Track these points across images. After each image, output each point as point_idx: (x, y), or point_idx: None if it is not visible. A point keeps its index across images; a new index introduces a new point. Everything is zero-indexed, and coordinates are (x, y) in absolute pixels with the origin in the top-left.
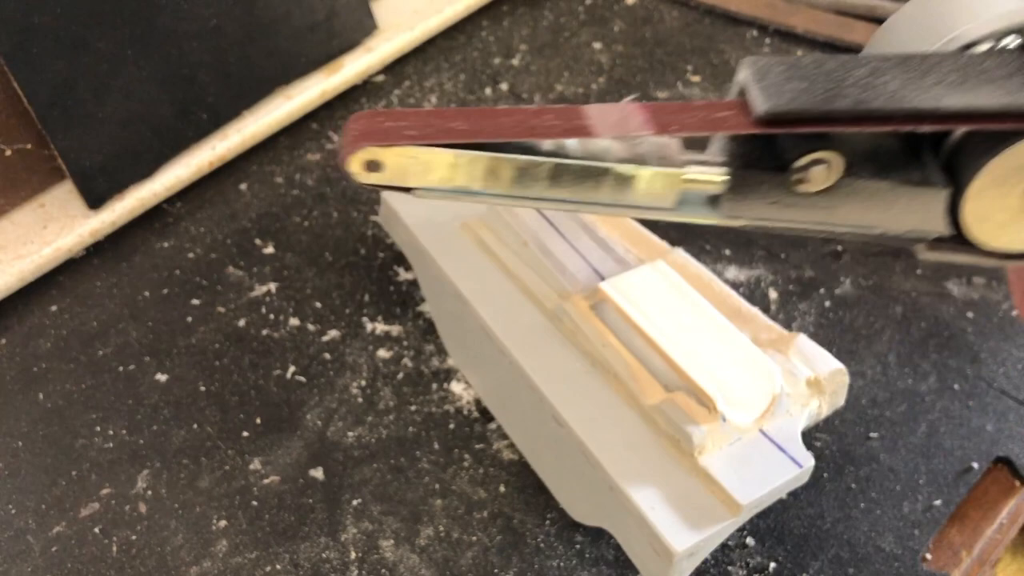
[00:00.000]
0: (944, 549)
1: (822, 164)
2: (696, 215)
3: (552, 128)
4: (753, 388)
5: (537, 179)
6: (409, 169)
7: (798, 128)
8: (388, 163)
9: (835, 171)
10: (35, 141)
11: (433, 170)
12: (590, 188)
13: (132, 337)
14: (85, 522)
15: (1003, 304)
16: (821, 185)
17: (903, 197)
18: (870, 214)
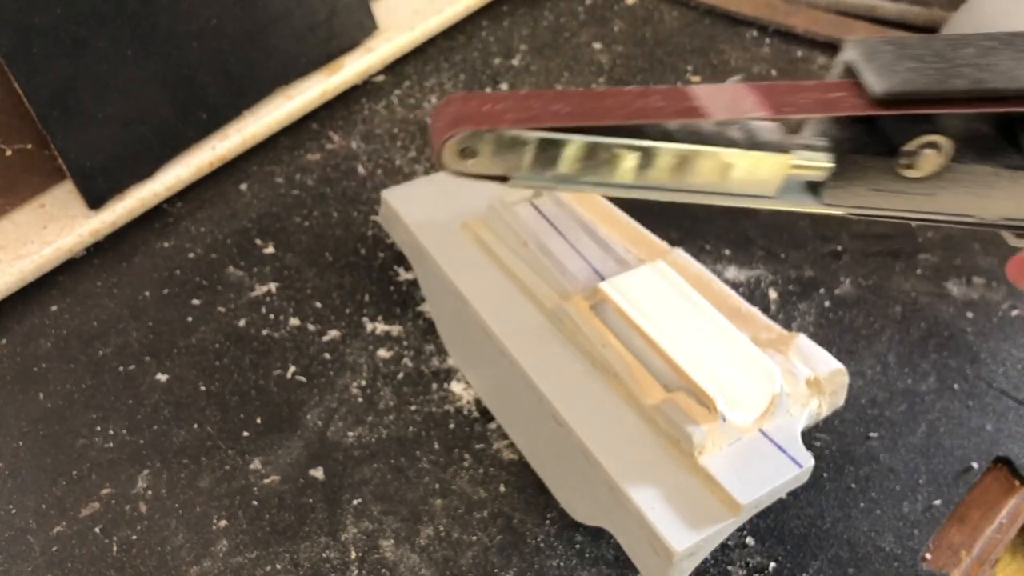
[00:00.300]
0: (944, 549)
1: (933, 148)
2: (796, 203)
3: (662, 110)
4: (753, 388)
5: (647, 166)
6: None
7: (916, 109)
8: (485, 149)
9: (944, 155)
10: (35, 141)
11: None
12: (695, 174)
13: (132, 337)
14: (85, 522)
15: (1003, 304)
16: (930, 170)
17: (1003, 181)
18: (971, 200)
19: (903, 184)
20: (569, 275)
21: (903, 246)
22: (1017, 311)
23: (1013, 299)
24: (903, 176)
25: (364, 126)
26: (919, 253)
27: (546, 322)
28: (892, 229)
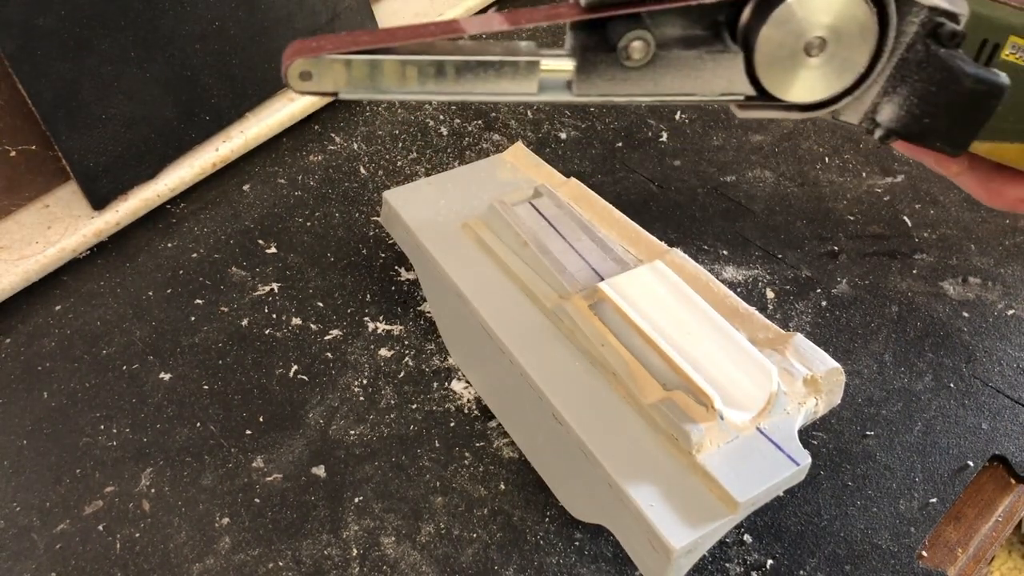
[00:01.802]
0: (940, 546)
1: (639, 40)
2: (555, 96)
3: (434, 31)
4: (750, 387)
5: (432, 75)
6: (330, 75)
7: (614, 11)
8: (315, 72)
9: (650, 47)
10: (39, 142)
11: (349, 73)
12: (473, 80)
13: (136, 336)
14: (89, 520)
15: (998, 304)
16: (642, 58)
17: (709, 63)
18: (687, 81)
19: (629, 72)
20: (568, 275)
21: (899, 246)
22: (1013, 310)
23: (1009, 299)
24: (626, 66)
25: (366, 128)
26: (915, 253)
27: (546, 322)
28: (888, 229)
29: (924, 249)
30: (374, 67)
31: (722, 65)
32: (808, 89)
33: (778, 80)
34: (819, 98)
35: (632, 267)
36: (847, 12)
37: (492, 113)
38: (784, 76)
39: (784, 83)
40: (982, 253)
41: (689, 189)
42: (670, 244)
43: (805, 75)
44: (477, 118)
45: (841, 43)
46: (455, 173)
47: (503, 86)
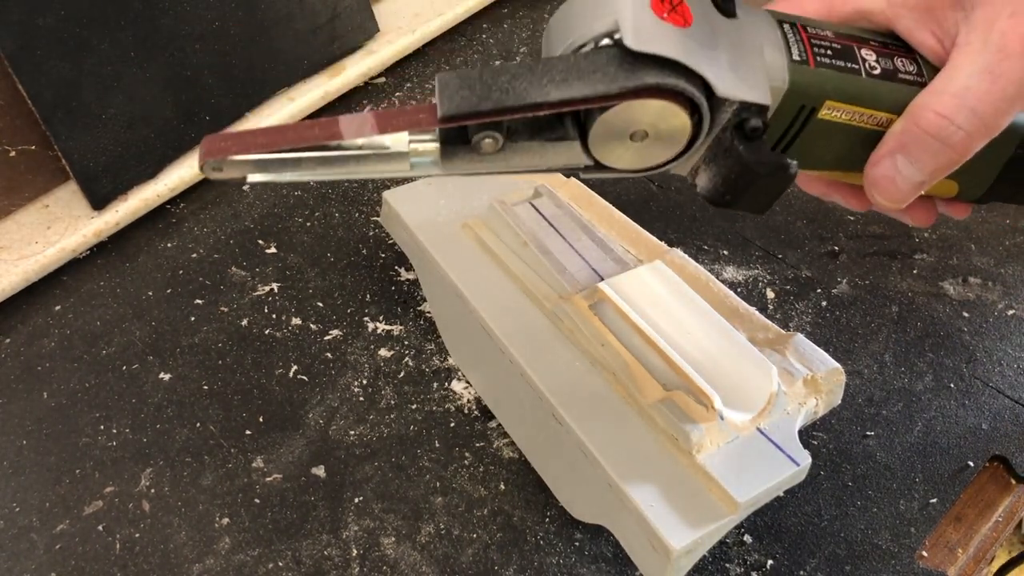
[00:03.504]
0: (940, 547)
1: (489, 138)
2: (426, 171)
3: (318, 135)
4: (750, 387)
5: (320, 164)
6: (235, 168)
7: (463, 122)
8: (224, 167)
9: (499, 141)
10: (39, 142)
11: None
12: (355, 165)
13: (135, 336)
14: (89, 520)
15: (999, 304)
16: (492, 151)
17: (552, 147)
18: (534, 160)
19: (484, 156)
20: (568, 275)
21: (899, 246)
22: (1013, 311)
23: (1009, 299)
24: (482, 154)
25: None
26: (915, 253)
27: (546, 322)
28: (888, 229)
29: (924, 249)
30: (271, 161)
31: (562, 147)
32: (637, 162)
33: (610, 158)
34: (647, 167)
35: (632, 267)
36: (663, 116)
37: None
38: (615, 154)
39: (615, 159)
40: (982, 253)
41: (689, 189)
42: (670, 244)
43: (633, 153)
44: None
45: (661, 134)
46: None
47: (381, 168)
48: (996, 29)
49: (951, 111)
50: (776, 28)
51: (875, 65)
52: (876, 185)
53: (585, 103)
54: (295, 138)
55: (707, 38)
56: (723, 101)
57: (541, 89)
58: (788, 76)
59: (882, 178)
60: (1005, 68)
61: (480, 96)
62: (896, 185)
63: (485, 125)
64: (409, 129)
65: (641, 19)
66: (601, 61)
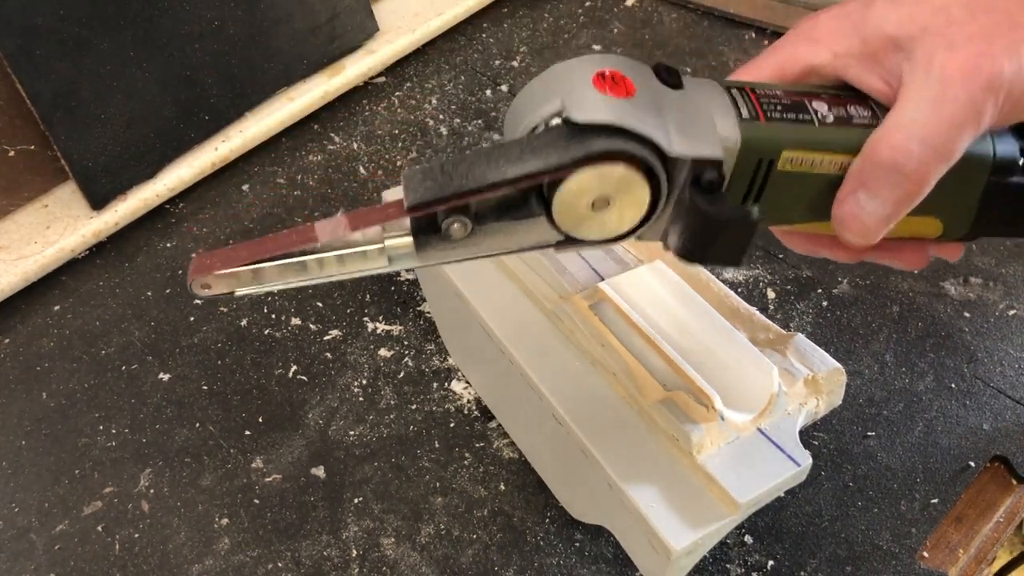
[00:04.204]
0: (941, 547)
1: (457, 223)
2: (404, 264)
3: (295, 242)
4: (751, 387)
5: (302, 270)
6: (223, 283)
7: (429, 209)
8: (212, 283)
9: (467, 225)
10: (38, 142)
11: (237, 279)
12: (336, 266)
13: (135, 337)
14: (88, 520)
15: (1000, 304)
16: (462, 235)
17: (520, 227)
18: (506, 241)
19: (456, 243)
20: (569, 275)
21: None
22: (1014, 311)
23: (1010, 299)
24: (454, 239)
25: (365, 127)
26: None
27: (546, 322)
28: None
29: None
30: (255, 273)
31: (531, 225)
32: (604, 231)
33: (578, 230)
34: (614, 236)
35: (632, 267)
36: (620, 181)
37: (492, 113)
38: (582, 227)
39: (583, 231)
40: (983, 253)
41: None
42: None
43: (599, 223)
44: (477, 118)
45: (622, 201)
46: None
47: (361, 267)
48: (936, 63)
49: (902, 142)
50: (724, 94)
51: (827, 114)
52: (843, 223)
53: (540, 175)
54: (274, 247)
55: (651, 106)
56: (676, 161)
57: (498, 169)
58: (739, 133)
59: (848, 216)
60: (948, 96)
61: (442, 184)
62: (862, 221)
63: (452, 211)
64: (381, 223)
65: (583, 95)
66: (551, 137)
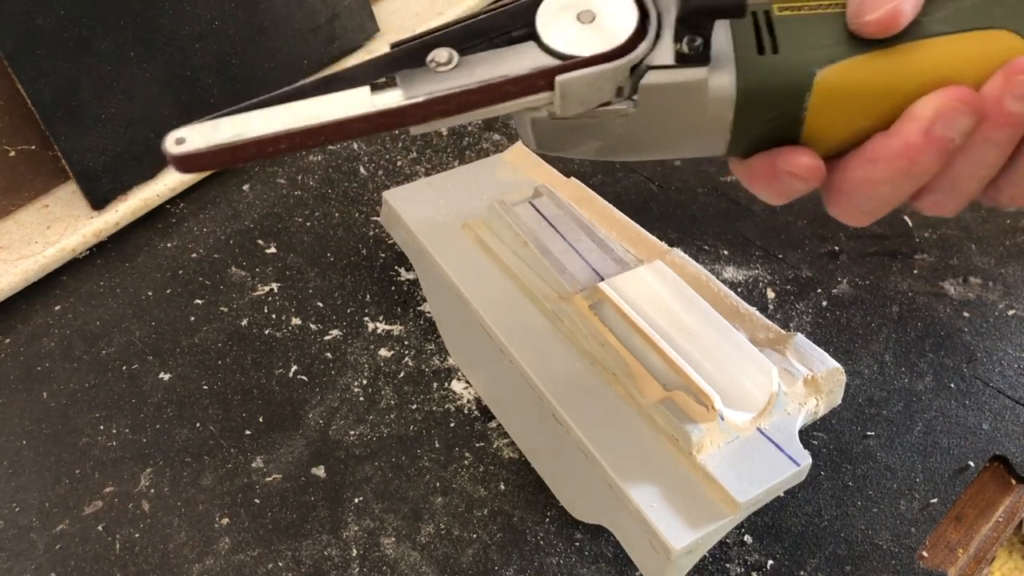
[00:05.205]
0: (940, 547)
1: (443, 51)
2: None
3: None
4: (751, 387)
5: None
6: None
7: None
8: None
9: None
10: (39, 142)
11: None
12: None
13: (135, 336)
14: (88, 520)
15: (999, 304)
16: (448, 61)
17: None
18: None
19: (443, 75)
20: (569, 275)
21: (900, 246)
22: (1014, 310)
23: (1010, 299)
24: (439, 72)
25: None
26: (916, 253)
27: (546, 322)
28: (888, 229)
29: (925, 249)
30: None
31: (521, 51)
32: (600, 43)
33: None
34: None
35: (632, 267)
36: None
37: None
38: (572, 41)
39: (575, 45)
40: (983, 253)
41: (689, 189)
42: (670, 244)
43: (590, 37)
44: None
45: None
46: (455, 173)
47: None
48: None
49: None
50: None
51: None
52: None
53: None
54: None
55: None
56: None
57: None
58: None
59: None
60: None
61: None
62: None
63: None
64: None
65: None
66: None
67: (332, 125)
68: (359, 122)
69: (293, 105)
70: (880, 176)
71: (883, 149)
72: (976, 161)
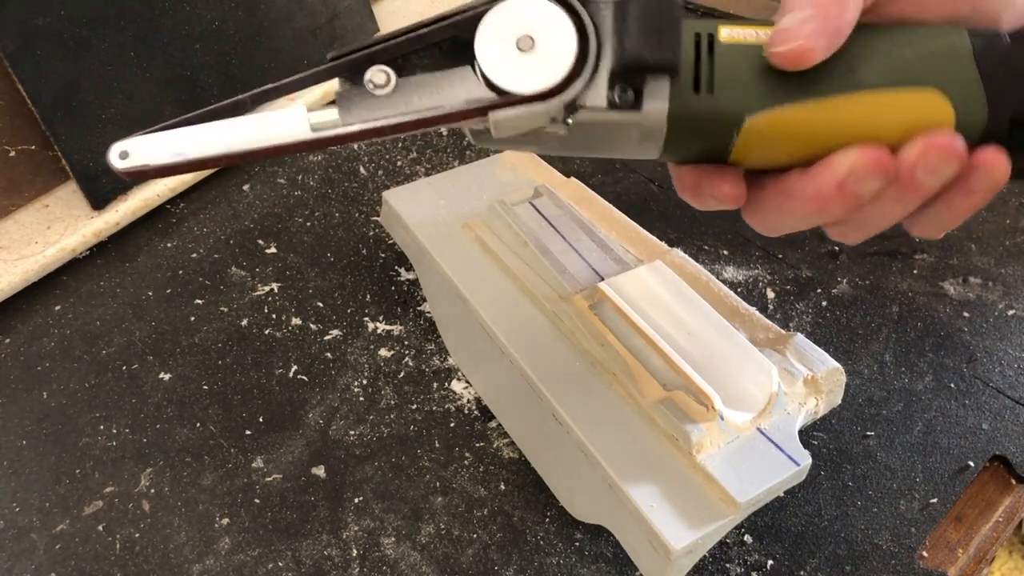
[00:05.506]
0: (940, 547)
1: (379, 73)
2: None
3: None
4: (751, 387)
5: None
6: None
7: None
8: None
9: (389, 76)
10: (39, 142)
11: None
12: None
13: (135, 336)
14: (88, 520)
15: (999, 304)
16: (384, 83)
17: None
18: (434, 97)
19: (381, 100)
20: (568, 275)
21: (900, 246)
22: (1013, 310)
23: (1009, 299)
24: (376, 95)
25: None
26: (916, 253)
27: (546, 322)
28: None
29: (924, 249)
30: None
31: (458, 79)
32: (538, 80)
33: (508, 80)
34: (552, 87)
35: (632, 267)
36: (537, 13)
37: None
38: (511, 74)
39: (514, 81)
40: (983, 253)
41: None
42: (670, 244)
43: (529, 69)
44: None
45: (545, 38)
46: (455, 173)
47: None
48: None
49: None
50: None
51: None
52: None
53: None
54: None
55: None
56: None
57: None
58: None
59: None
60: None
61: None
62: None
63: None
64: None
65: None
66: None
67: (270, 149)
68: (296, 147)
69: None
70: (791, 209)
71: (798, 188)
72: (882, 212)
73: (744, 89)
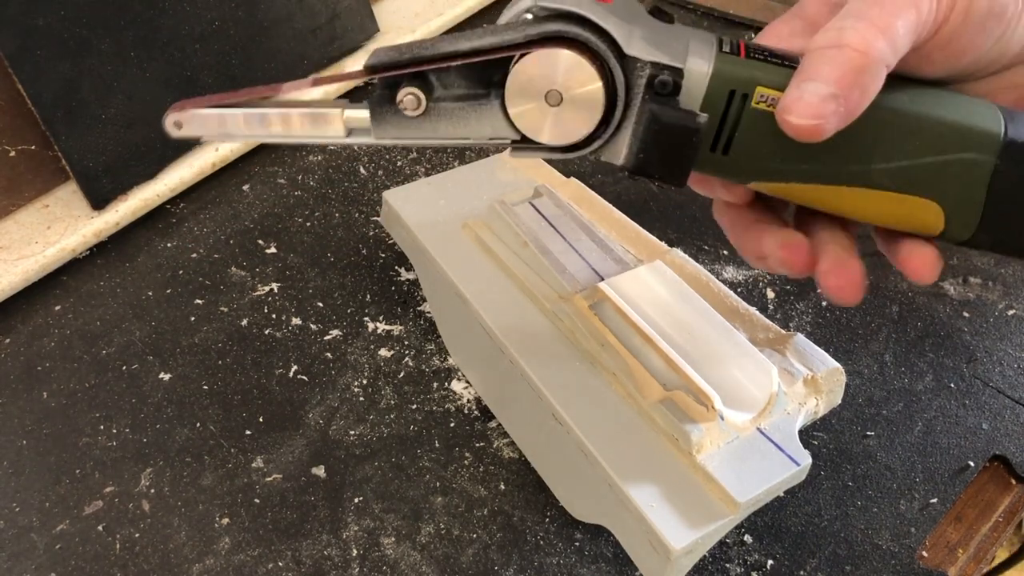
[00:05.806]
0: (940, 547)
1: (411, 95)
2: (362, 138)
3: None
4: (751, 387)
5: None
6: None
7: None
8: (184, 122)
9: (421, 100)
10: (39, 142)
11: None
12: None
13: (135, 336)
14: (88, 520)
15: (999, 304)
16: (415, 109)
17: (473, 114)
18: (459, 128)
19: (411, 121)
20: (568, 275)
21: None
22: (1013, 310)
23: (1009, 299)
24: (407, 116)
25: None
26: None
27: (546, 322)
28: None
29: None
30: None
31: (485, 114)
32: (559, 134)
33: (531, 127)
34: (569, 141)
35: (632, 267)
36: (573, 72)
37: None
38: (535, 123)
39: (536, 129)
40: (982, 253)
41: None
42: (670, 244)
43: (553, 122)
44: None
45: (575, 97)
46: (455, 173)
47: (320, 131)
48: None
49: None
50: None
51: None
52: (785, 108)
53: (493, 51)
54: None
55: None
56: (634, 62)
57: (455, 44)
58: (713, 62)
59: (790, 99)
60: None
61: (401, 53)
62: (803, 100)
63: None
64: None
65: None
66: (519, 22)
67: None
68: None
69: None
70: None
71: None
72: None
73: (758, 161)
